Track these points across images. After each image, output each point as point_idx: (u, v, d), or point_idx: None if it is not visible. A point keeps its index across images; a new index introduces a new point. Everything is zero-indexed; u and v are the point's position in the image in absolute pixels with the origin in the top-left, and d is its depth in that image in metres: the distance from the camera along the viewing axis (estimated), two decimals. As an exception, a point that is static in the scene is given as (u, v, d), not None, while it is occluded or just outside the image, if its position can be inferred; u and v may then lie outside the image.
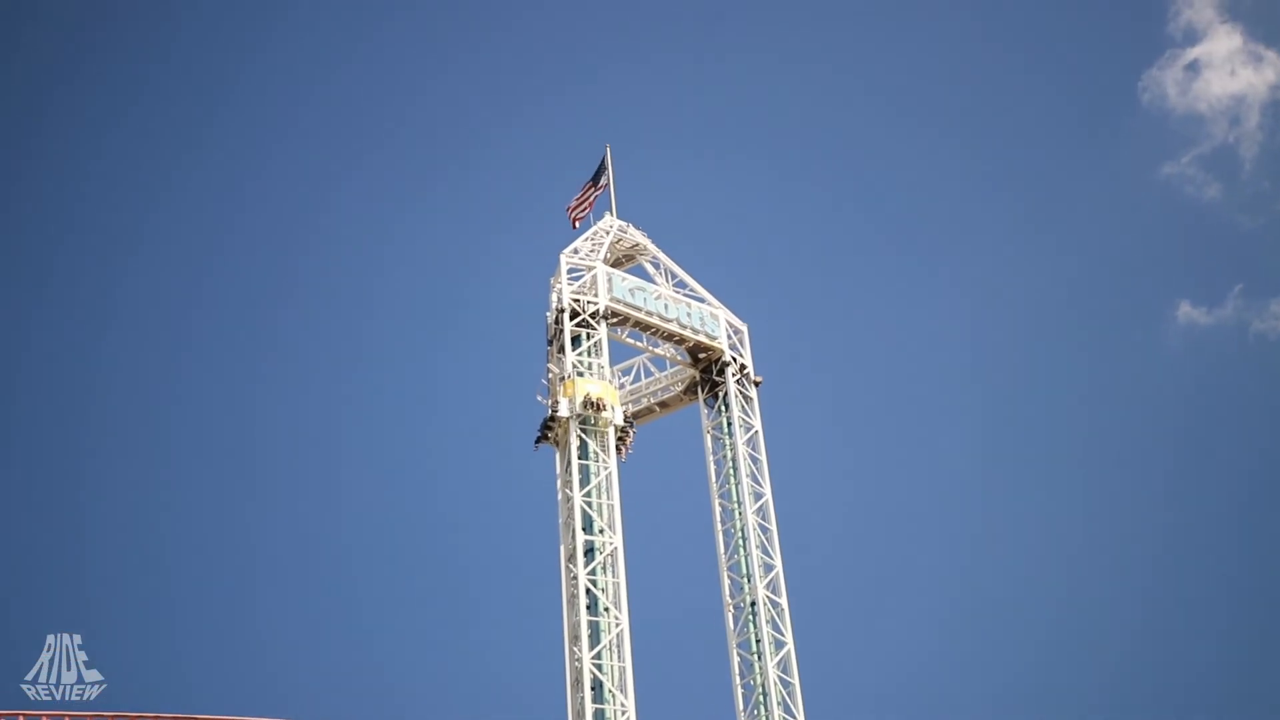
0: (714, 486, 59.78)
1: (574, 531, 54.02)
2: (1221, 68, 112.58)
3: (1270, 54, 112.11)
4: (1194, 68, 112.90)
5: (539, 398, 58.09)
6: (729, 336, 62.44)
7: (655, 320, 61.00)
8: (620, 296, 60.41)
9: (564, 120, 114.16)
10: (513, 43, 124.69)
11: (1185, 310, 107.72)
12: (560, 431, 56.76)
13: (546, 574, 54.74)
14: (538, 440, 57.45)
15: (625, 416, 58.23)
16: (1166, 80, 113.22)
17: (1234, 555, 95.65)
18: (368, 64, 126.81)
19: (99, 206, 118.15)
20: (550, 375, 58.30)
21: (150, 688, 46.77)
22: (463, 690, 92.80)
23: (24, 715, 44.71)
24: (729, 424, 60.51)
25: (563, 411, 56.52)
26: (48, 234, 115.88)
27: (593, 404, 56.59)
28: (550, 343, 59.18)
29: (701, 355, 62.14)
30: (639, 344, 61.98)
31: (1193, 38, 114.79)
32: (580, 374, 57.66)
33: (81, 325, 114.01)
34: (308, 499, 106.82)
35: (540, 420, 57.28)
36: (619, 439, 57.20)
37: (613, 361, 59.73)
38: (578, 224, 64.32)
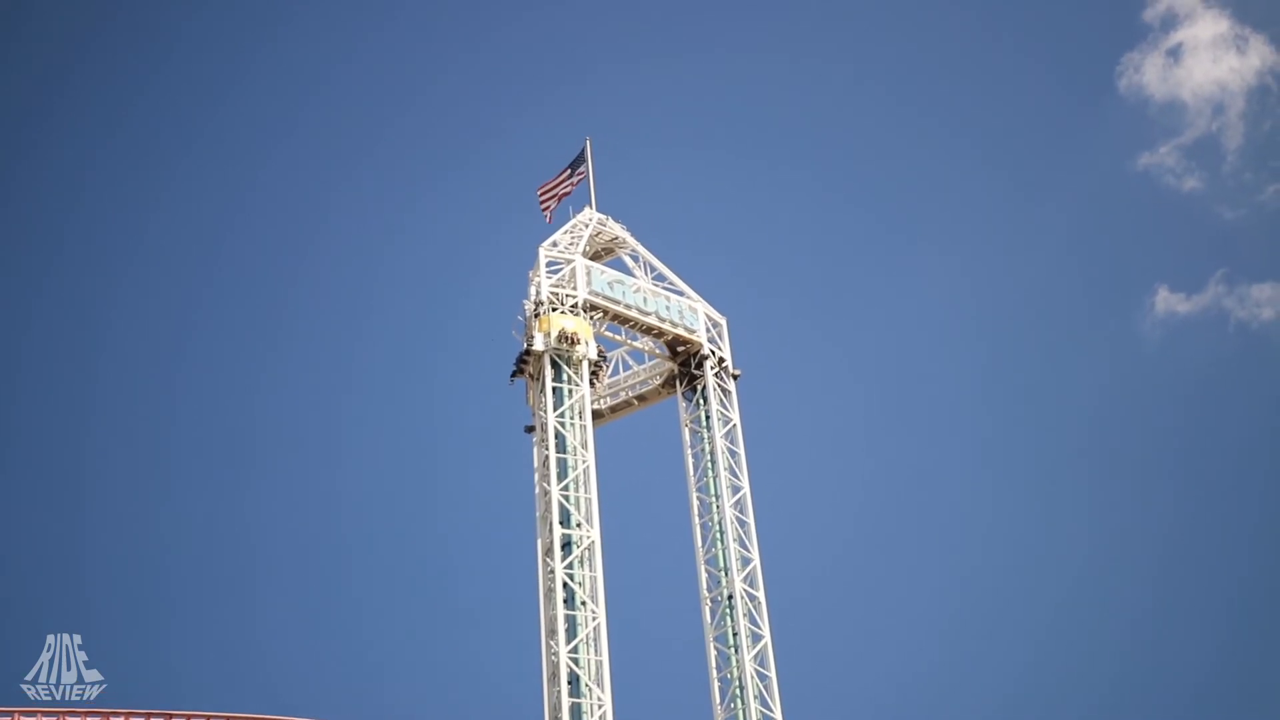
0: (692, 480, 59.94)
1: (551, 525, 54.14)
2: (1205, 53, 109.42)
3: (1257, 39, 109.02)
4: (1175, 53, 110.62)
5: (514, 334, 58.87)
6: (708, 330, 62.45)
7: (634, 314, 61.02)
8: (599, 290, 60.40)
9: (550, 120, 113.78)
10: (500, 46, 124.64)
11: (1164, 296, 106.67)
12: (535, 365, 57.39)
13: (524, 568, 54.95)
14: (513, 374, 58.32)
15: (599, 351, 58.89)
16: (1146, 66, 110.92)
17: (1230, 555, 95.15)
18: (367, 65, 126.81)
19: (99, 206, 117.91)
20: (526, 311, 58.78)
21: (146, 685, 46.71)
22: (443, 683, 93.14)
23: (19, 713, 44.70)
24: (707, 417, 60.58)
25: (538, 345, 57.24)
26: (48, 234, 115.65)
27: (567, 338, 57.44)
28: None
29: (680, 348, 62.14)
30: (617, 337, 61.99)
31: (1174, 22, 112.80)
32: (555, 309, 58.19)
33: (81, 325, 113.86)
34: (305, 497, 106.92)
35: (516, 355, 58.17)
36: (593, 374, 58.13)
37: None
38: (551, 217, 64.28)
